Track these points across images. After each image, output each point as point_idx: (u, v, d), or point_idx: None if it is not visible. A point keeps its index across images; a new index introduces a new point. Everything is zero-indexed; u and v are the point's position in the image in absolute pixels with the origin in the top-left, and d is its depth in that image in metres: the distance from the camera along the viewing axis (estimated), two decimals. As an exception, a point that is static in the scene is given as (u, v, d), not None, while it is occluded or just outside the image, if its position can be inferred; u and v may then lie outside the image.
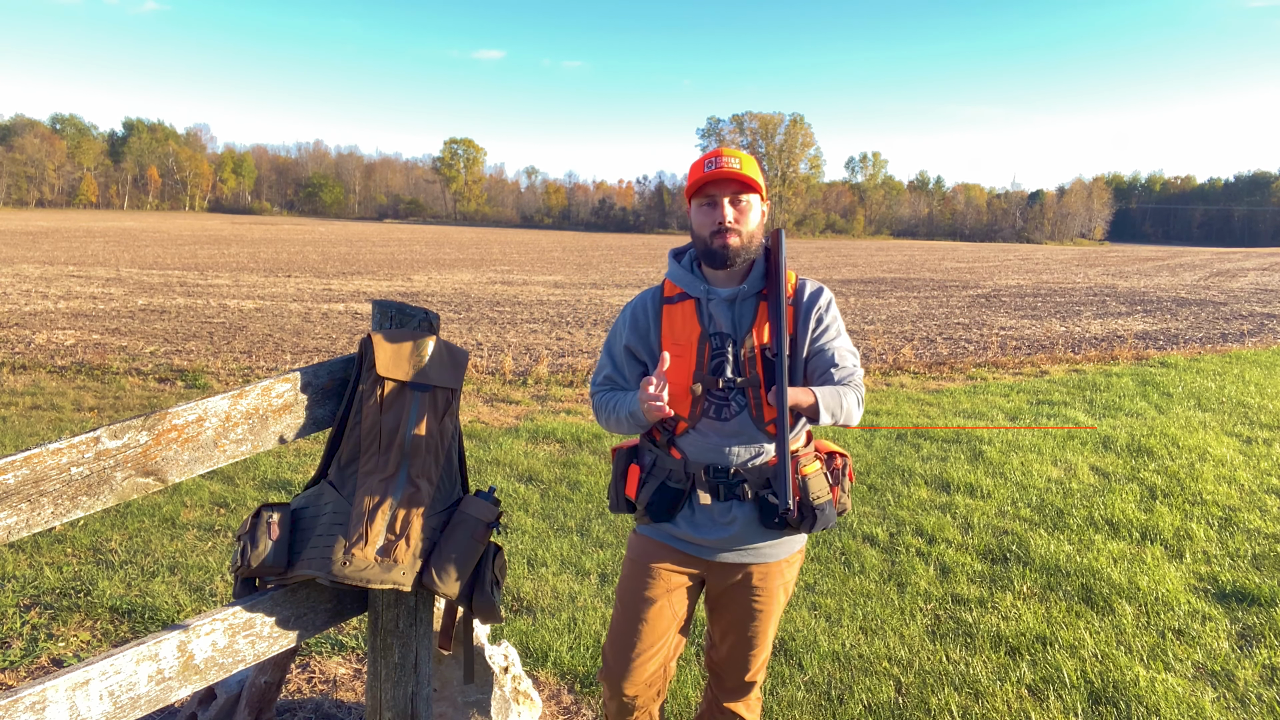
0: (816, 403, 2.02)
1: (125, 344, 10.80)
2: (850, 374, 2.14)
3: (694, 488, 2.14)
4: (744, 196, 2.10)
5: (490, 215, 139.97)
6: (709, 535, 2.15)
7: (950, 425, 7.42)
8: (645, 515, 2.20)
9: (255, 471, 5.70)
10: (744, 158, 2.10)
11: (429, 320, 2.07)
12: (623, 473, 2.27)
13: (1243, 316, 17.11)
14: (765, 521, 2.12)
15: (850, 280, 26.55)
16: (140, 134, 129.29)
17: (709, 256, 2.11)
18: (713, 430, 2.11)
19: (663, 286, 2.25)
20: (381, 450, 1.94)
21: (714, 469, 2.12)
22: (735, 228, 2.08)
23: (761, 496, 2.11)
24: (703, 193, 2.11)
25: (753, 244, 2.12)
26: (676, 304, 2.18)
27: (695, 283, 2.16)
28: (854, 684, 3.28)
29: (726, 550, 2.17)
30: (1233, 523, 5.10)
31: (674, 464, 2.16)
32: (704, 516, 2.15)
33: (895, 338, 13.20)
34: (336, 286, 20.13)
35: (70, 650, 3.42)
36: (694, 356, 2.12)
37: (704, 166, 2.10)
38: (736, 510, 2.14)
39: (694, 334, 2.13)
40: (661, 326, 2.17)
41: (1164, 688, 3.26)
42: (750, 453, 2.12)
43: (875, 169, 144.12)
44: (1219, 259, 47.80)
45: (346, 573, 1.87)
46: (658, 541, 2.24)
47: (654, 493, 2.17)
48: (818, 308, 2.18)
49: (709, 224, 2.10)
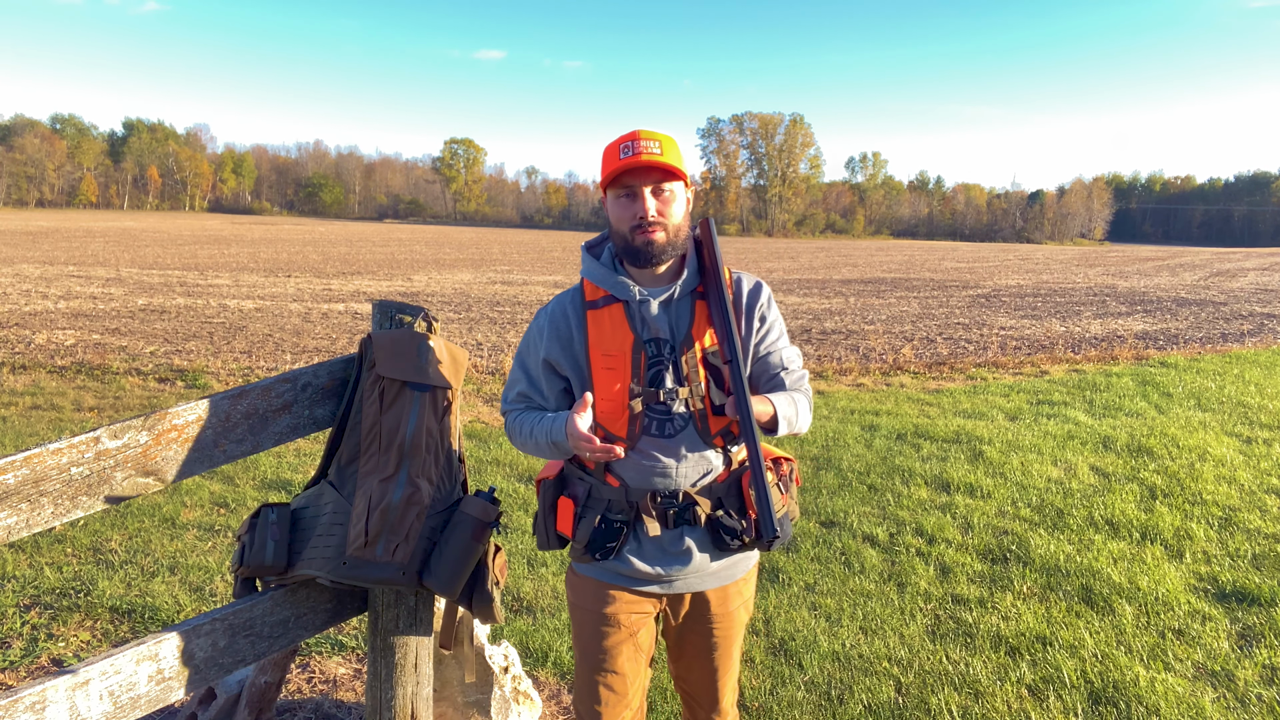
0: (775, 412, 1.85)
1: (125, 344, 10.80)
2: (800, 378, 1.98)
3: (639, 517, 1.90)
4: (667, 185, 1.84)
5: (490, 215, 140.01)
6: (661, 568, 1.93)
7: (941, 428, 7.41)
8: (585, 554, 1.93)
9: (255, 471, 5.71)
10: (664, 140, 1.84)
11: (429, 320, 2.07)
12: (552, 506, 2.00)
13: (1243, 316, 17.11)
14: (720, 544, 1.92)
15: (850, 280, 26.55)
16: (140, 134, 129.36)
17: (632, 254, 1.86)
18: (655, 450, 1.88)
19: (582, 288, 1.97)
20: (381, 450, 1.94)
21: (660, 494, 1.90)
22: (660, 221, 1.83)
23: (715, 519, 1.91)
24: (619, 183, 1.84)
25: (679, 237, 1.88)
26: (603, 308, 1.91)
27: (622, 283, 1.89)
28: (854, 684, 3.28)
29: (682, 580, 1.96)
30: (1233, 523, 5.10)
31: (613, 493, 1.92)
32: (653, 548, 1.92)
33: (895, 338, 13.20)
34: (336, 286, 20.13)
35: (70, 650, 3.42)
36: (628, 368, 1.87)
37: (619, 153, 1.82)
38: (689, 536, 1.92)
39: (626, 342, 1.88)
40: (588, 335, 1.91)
41: (1164, 688, 3.26)
42: (699, 471, 1.90)
43: (875, 169, 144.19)
44: (1219, 259, 47.80)
45: (346, 573, 1.87)
46: (604, 583, 1.99)
47: (594, 529, 1.91)
48: (759, 305, 1.97)
49: (629, 218, 1.84)
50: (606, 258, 1.96)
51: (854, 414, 7.82)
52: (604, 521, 1.91)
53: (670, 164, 1.81)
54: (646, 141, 1.81)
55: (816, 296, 20.48)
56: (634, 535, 1.92)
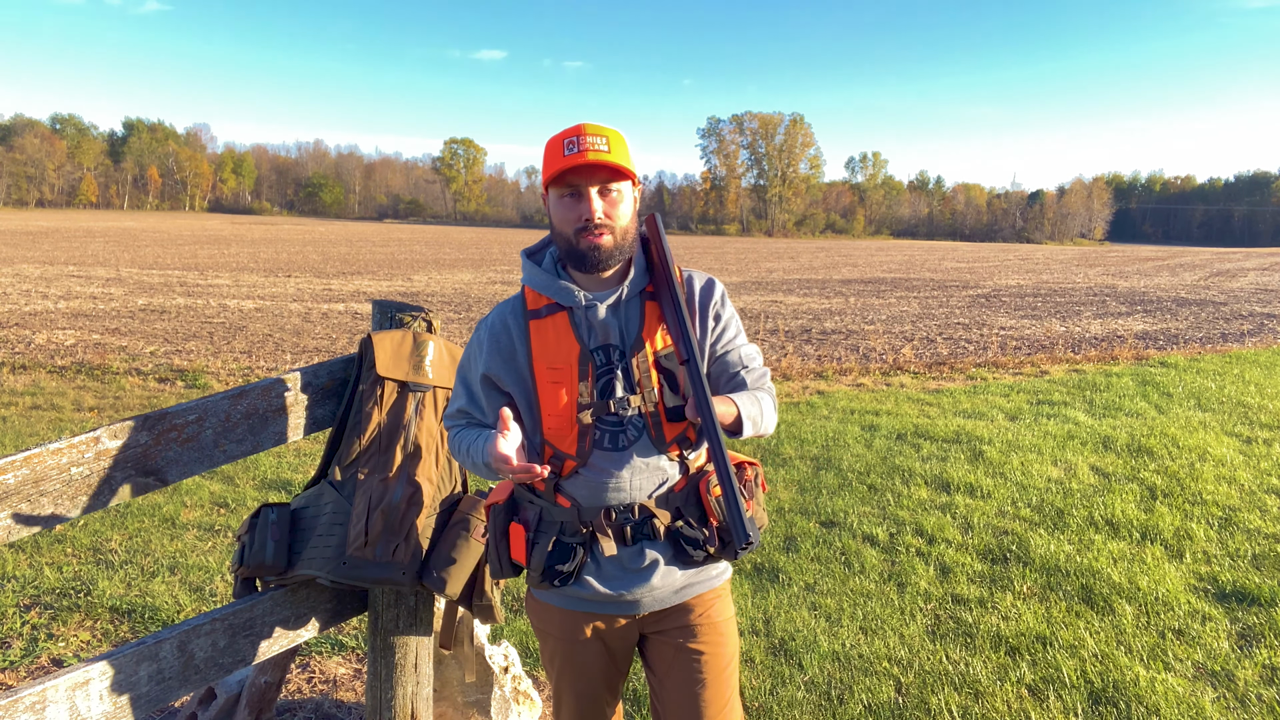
0: (739, 413, 1.72)
1: (125, 344, 10.80)
2: (761, 376, 1.87)
3: (594, 537, 1.78)
4: (614, 185, 1.72)
5: (490, 215, 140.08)
6: (624, 588, 1.79)
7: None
8: (543, 581, 1.80)
9: (255, 471, 5.70)
10: (611, 135, 1.72)
11: (428, 321, 2.07)
12: (503, 533, 1.87)
13: (1243, 316, 17.11)
14: (684, 556, 1.80)
15: (850, 280, 26.55)
16: (140, 134, 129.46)
17: (577, 259, 1.74)
18: (608, 464, 1.76)
19: (523, 297, 1.84)
20: (381, 450, 1.94)
21: (615, 510, 1.77)
22: (607, 224, 1.71)
23: (676, 530, 1.79)
24: (564, 181, 1.72)
25: (627, 240, 1.76)
26: (546, 318, 1.79)
27: (565, 289, 1.77)
28: (854, 684, 3.28)
29: (649, 596, 1.82)
30: (1233, 523, 5.10)
31: (565, 514, 1.79)
32: (613, 568, 1.79)
33: (895, 338, 13.20)
34: (336, 286, 20.13)
35: (70, 650, 3.42)
36: (575, 380, 1.76)
37: (563, 149, 1.70)
38: (650, 550, 1.79)
39: (572, 352, 1.76)
40: (531, 346, 1.79)
41: (1164, 688, 3.26)
42: (654, 482, 1.79)
43: (875, 169, 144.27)
44: (1219, 259, 47.79)
45: (346, 573, 1.87)
46: (571, 612, 1.87)
47: (548, 554, 1.79)
48: (713, 303, 1.85)
49: (573, 219, 1.72)
50: (549, 263, 1.84)
51: (854, 414, 7.81)
52: (558, 545, 1.79)
53: (617, 163, 1.69)
54: (592, 138, 1.69)
55: (816, 296, 20.48)
56: (591, 557, 1.80)
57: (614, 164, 1.69)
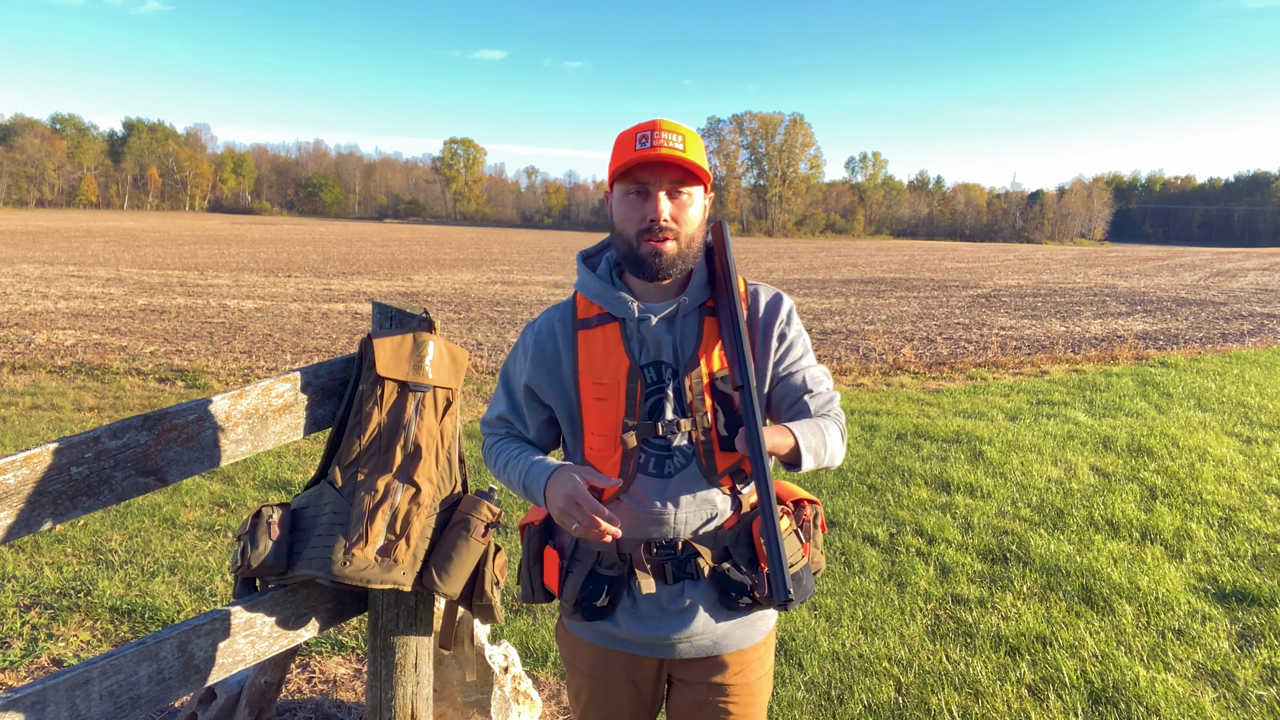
0: (797, 444, 1.55)
1: (125, 344, 10.80)
2: (828, 401, 1.70)
3: (632, 572, 1.64)
4: (686, 188, 1.59)
5: (490, 215, 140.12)
6: (659, 631, 1.65)
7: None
8: (575, 613, 1.69)
9: (255, 471, 5.71)
10: (687, 135, 1.58)
11: (428, 320, 2.07)
12: (537, 557, 1.77)
13: (1243, 316, 17.11)
14: (727, 602, 1.65)
15: (850, 280, 26.55)
16: (140, 134, 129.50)
17: (635, 264, 1.60)
18: (651, 492, 1.61)
19: (574, 303, 1.72)
20: (381, 450, 1.94)
21: (657, 544, 1.63)
22: (672, 228, 1.58)
23: (720, 572, 1.64)
24: (631, 177, 1.58)
25: (692, 248, 1.62)
26: (595, 328, 1.66)
27: (619, 299, 1.64)
28: (854, 684, 3.28)
29: (687, 643, 1.68)
30: (1233, 523, 5.10)
31: (602, 545, 1.65)
32: (650, 607, 1.65)
33: (895, 338, 13.20)
34: (336, 286, 20.13)
35: (70, 650, 3.42)
36: (622, 398, 1.62)
37: (634, 142, 1.56)
38: (691, 593, 1.64)
39: (621, 368, 1.63)
40: (578, 359, 1.66)
41: (1164, 688, 3.26)
42: (702, 516, 1.63)
43: (875, 169, 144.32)
44: (1219, 259, 47.80)
45: (346, 573, 1.87)
46: (602, 649, 1.75)
47: (582, 586, 1.67)
48: (779, 321, 1.70)
49: (637, 219, 1.58)
50: (604, 269, 1.71)
51: (854, 414, 7.81)
52: (593, 577, 1.66)
53: (693, 162, 1.55)
54: (668, 134, 1.55)
55: (816, 296, 20.48)
56: (628, 593, 1.66)
57: (689, 163, 1.55)
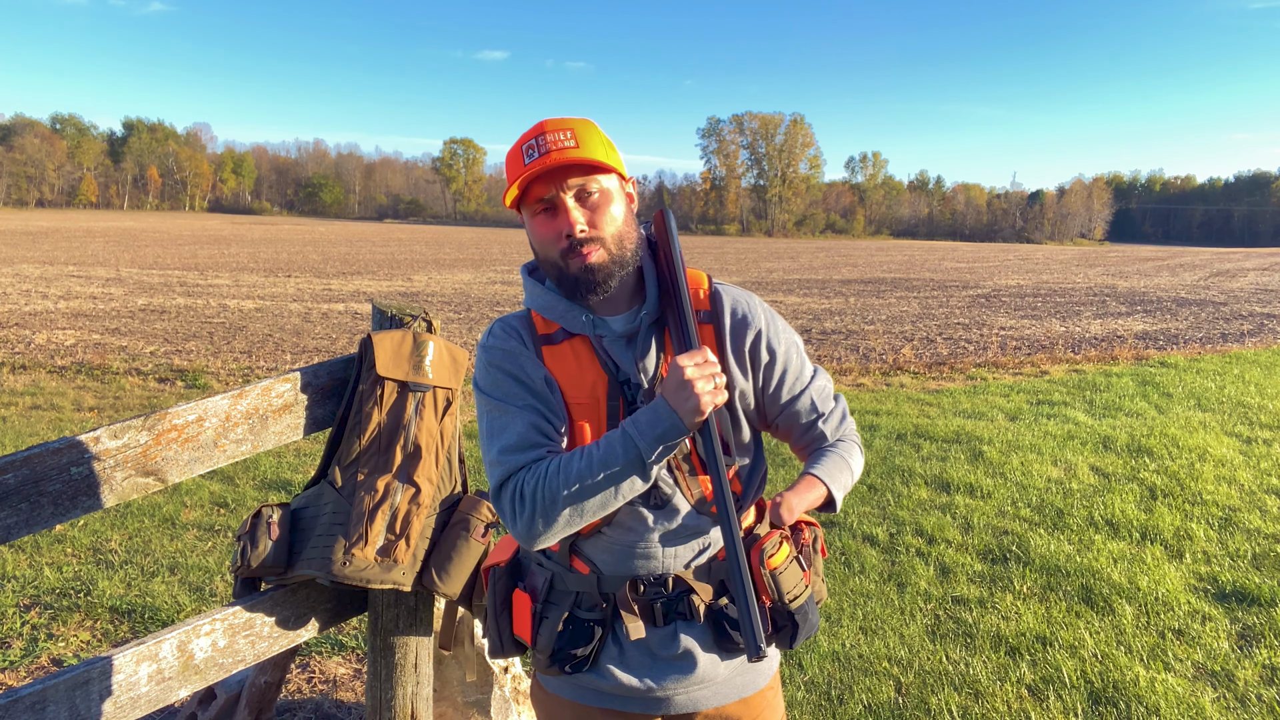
0: (830, 493, 1.40)
1: (125, 344, 10.80)
2: (842, 419, 1.54)
3: (617, 614, 1.45)
4: (593, 186, 1.40)
5: (490, 215, 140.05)
6: (652, 680, 1.46)
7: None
8: (552, 666, 1.47)
9: (255, 471, 5.71)
10: (577, 126, 1.40)
11: (428, 321, 2.08)
12: (505, 602, 1.54)
13: (1243, 316, 17.11)
14: (726, 644, 1.47)
15: (850, 280, 26.54)
16: (140, 134, 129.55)
17: (571, 286, 1.41)
18: (634, 522, 1.44)
19: (529, 318, 1.51)
20: (381, 450, 1.94)
21: (644, 581, 1.45)
22: (594, 235, 1.38)
23: (718, 610, 1.46)
24: (533, 195, 1.40)
25: (627, 248, 1.42)
26: (561, 343, 1.46)
27: (571, 313, 1.45)
28: (854, 684, 3.28)
29: (684, 694, 1.49)
30: (1233, 523, 5.10)
31: (581, 582, 1.46)
32: (639, 653, 1.46)
33: (895, 338, 13.21)
34: (336, 286, 20.13)
35: (70, 650, 3.42)
36: (603, 417, 1.43)
37: (523, 156, 1.38)
38: (686, 635, 1.45)
39: (600, 385, 1.44)
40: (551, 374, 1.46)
41: (1164, 688, 3.26)
42: (692, 550, 1.47)
43: (875, 169, 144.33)
44: (1219, 259, 47.79)
45: (346, 573, 1.87)
46: (586, 707, 1.53)
47: (559, 633, 1.46)
48: (756, 334, 1.49)
49: (554, 239, 1.40)
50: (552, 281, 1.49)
51: (854, 414, 7.81)
52: (572, 621, 1.46)
53: (590, 157, 1.37)
54: (554, 134, 1.37)
55: (816, 296, 20.48)
56: (613, 638, 1.46)
57: (587, 159, 1.37)
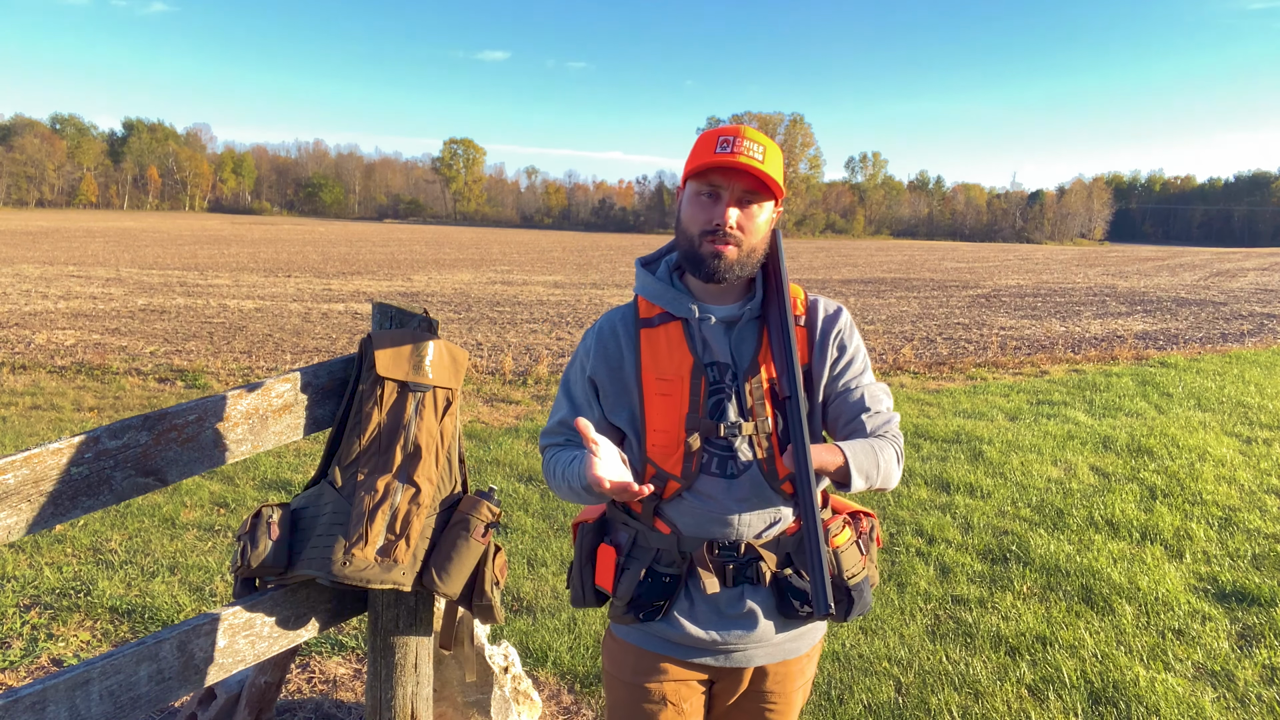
0: (846, 463, 1.54)
1: (125, 344, 10.80)
2: (886, 421, 1.67)
3: (693, 571, 1.64)
4: (756, 199, 1.60)
5: (490, 215, 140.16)
6: (717, 632, 1.64)
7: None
8: (628, 613, 1.66)
9: (255, 471, 5.70)
10: (769, 147, 1.58)
11: (428, 321, 2.07)
12: (590, 555, 1.74)
13: (1243, 316, 17.11)
14: (786, 610, 1.64)
15: (850, 280, 26.55)
16: (140, 134, 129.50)
17: (694, 262, 1.61)
18: (716, 491, 1.61)
19: (635, 305, 1.73)
20: (381, 450, 1.94)
21: (719, 544, 1.62)
22: (735, 235, 1.58)
23: (783, 578, 1.63)
24: (705, 179, 1.59)
25: (752, 258, 1.62)
26: (658, 327, 1.67)
27: (679, 299, 1.66)
28: (854, 684, 3.28)
29: (740, 650, 1.67)
30: (1233, 523, 5.10)
31: (662, 541, 1.65)
32: (708, 608, 1.64)
33: (895, 338, 13.20)
34: (336, 286, 20.13)
35: (70, 650, 3.42)
36: (686, 394, 1.62)
37: (715, 145, 1.57)
38: (750, 598, 1.64)
39: (685, 365, 1.63)
40: (640, 356, 1.66)
41: (1164, 688, 3.26)
42: (764, 521, 1.63)
43: (875, 169, 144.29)
44: (1219, 259, 47.79)
45: (346, 573, 1.87)
46: (651, 653, 1.71)
47: (639, 584, 1.64)
48: (837, 332, 1.70)
49: (704, 220, 1.59)
50: (663, 271, 1.72)
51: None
52: (651, 575, 1.64)
53: (768, 174, 1.56)
54: (749, 143, 1.56)
55: (816, 296, 20.46)
56: (686, 592, 1.65)
57: (764, 174, 1.56)
